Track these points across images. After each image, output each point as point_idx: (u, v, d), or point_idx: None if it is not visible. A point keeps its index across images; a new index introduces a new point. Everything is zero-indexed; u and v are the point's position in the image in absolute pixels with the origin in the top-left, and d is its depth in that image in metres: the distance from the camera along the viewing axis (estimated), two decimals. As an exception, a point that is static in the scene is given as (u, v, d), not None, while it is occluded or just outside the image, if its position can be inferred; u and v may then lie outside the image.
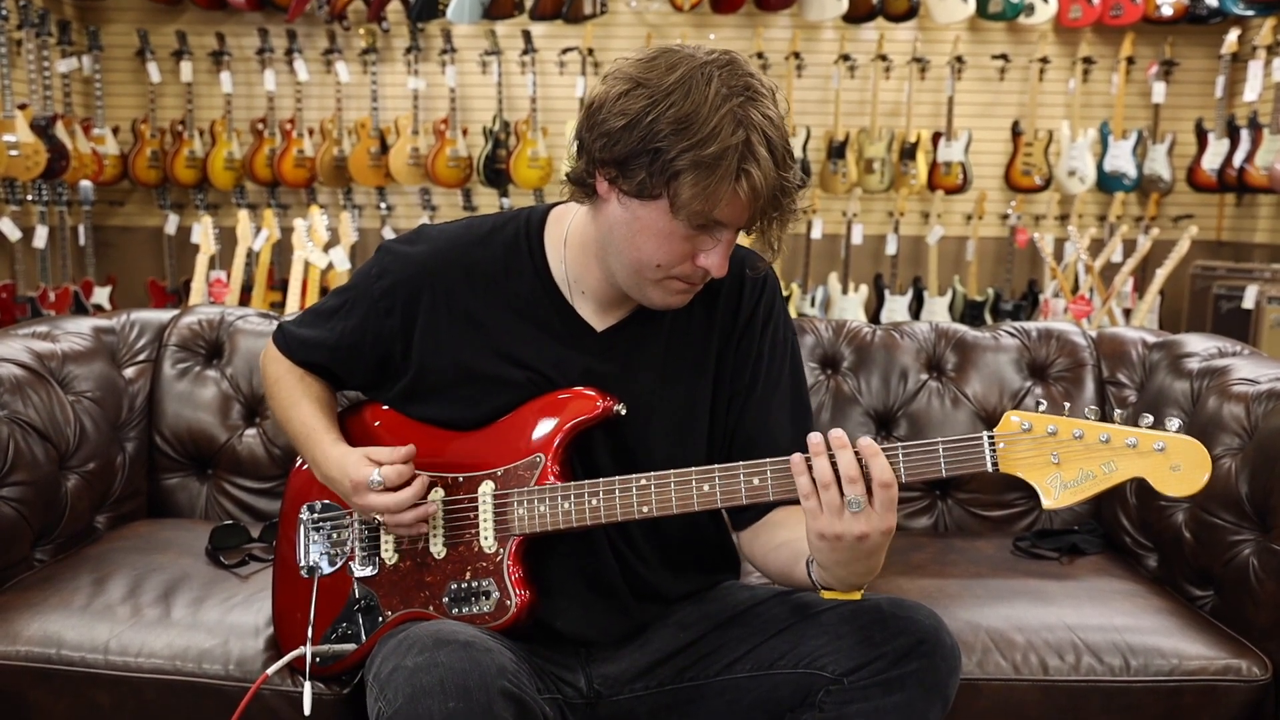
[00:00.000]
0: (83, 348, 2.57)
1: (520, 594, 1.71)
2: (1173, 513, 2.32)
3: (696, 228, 1.56)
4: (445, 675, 1.47)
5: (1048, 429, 1.46)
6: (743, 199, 1.51)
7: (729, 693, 1.75)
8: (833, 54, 6.59)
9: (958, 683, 1.63)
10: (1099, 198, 6.69)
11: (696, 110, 1.48)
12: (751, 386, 1.83)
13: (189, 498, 2.65)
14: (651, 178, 1.52)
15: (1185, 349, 2.54)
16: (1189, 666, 1.97)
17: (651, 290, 1.66)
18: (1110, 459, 1.44)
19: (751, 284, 1.84)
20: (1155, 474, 1.42)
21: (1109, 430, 1.44)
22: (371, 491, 1.70)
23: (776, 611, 1.77)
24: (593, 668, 1.81)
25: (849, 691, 1.62)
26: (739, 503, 1.60)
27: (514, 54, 6.58)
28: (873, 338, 2.71)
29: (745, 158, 1.49)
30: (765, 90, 1.54)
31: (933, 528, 2.63)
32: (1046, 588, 2.22)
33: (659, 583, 1.84)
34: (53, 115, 5.99)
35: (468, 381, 1.79)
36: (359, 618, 1.82)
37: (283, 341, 1.96)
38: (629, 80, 1.54)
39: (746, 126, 1.49)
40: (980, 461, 1.49)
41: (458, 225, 1.87)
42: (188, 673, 1.91)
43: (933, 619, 1.63)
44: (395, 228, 6.82)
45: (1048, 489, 1.47)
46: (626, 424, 1.76)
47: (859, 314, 6.53)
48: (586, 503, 1.67)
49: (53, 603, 2.04)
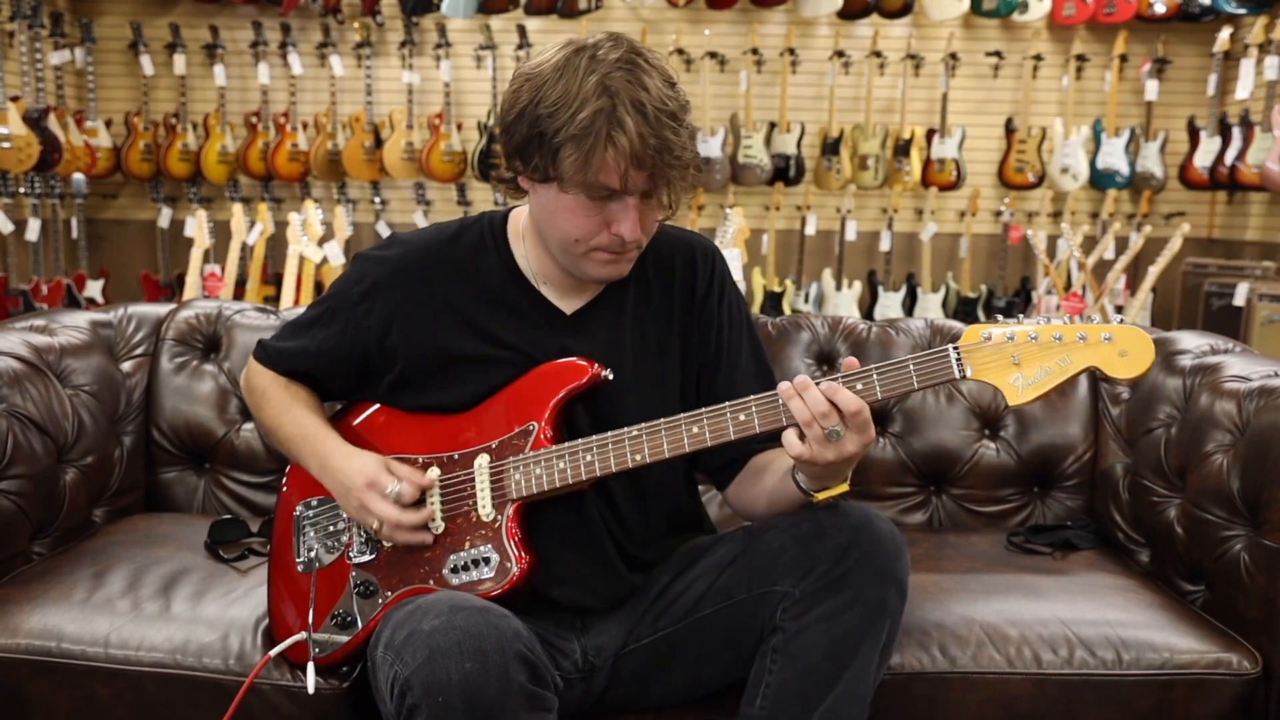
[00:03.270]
0: (80, 341, 2.57)
1: (521, 556, 1.74)
2: (1165, 509, 2.34)
3: (598, 199, 1.67)
4: (462, 638, 1.51)
5: (1006, 335, 1.59)
6: (616, 162, 1.61)
7: (699, 633, 1.83)
8: (827, 50, 6.61)
9: (907, 566, 1.72)
10: (1092, 195, 6.71)
11: (567, 88, 1.62)
12: (718, 356, 1.94)
13: (186, 492, 2.66)
14: (542, 160, 1.66)
15: (1177, 346, 2.55)
16: (1180, 660, 1.99)
17: (584, 264, 1.77)
18: (1064, 354, 1.57)
19: (702, 260, 1.95)
20: (1106, 361, 1.56)
21: (1060, 329, 1.57)
22: (384, 499, 1.76)
23: (728, 546, 1.86)
24: (588, 639, 1.87)
25: (801, 601, 1.69)
26: (727, 439, 1.68)
27: (509, 48, 6.59)
28: (868, 334, 2.72)
29: (611, 122, 1.59)
30: (648, 66, 1.65)
31: (927, 523, 2.64)
32: (1040, 582, 2.23)
33: (642, 547, 1.92)
34: (45, 107, 5.99)
35: (454, 365, 1.86)
36: (356, 603, 1.84)
37: (264, 356, 2.01)
38: (522, 77, 1.69)
39: (610, 94, 1.60)
40: (948, 371, 1.61)
41: (427, 230, 1.97)
42: (188, 666, 1.91)
43: (862, 511, 1.75)
44: (390, 222, 6.83)
45: (1011, 388, 1.58)
46: (605, 398, 1.83)
47: (853, 310, 6.55)
48: (581, 459, 1.74)
49: (52, 596, 2.05)
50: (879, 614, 1.68)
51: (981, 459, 2.63)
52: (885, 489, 2.65)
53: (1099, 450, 2.60)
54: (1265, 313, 5.47)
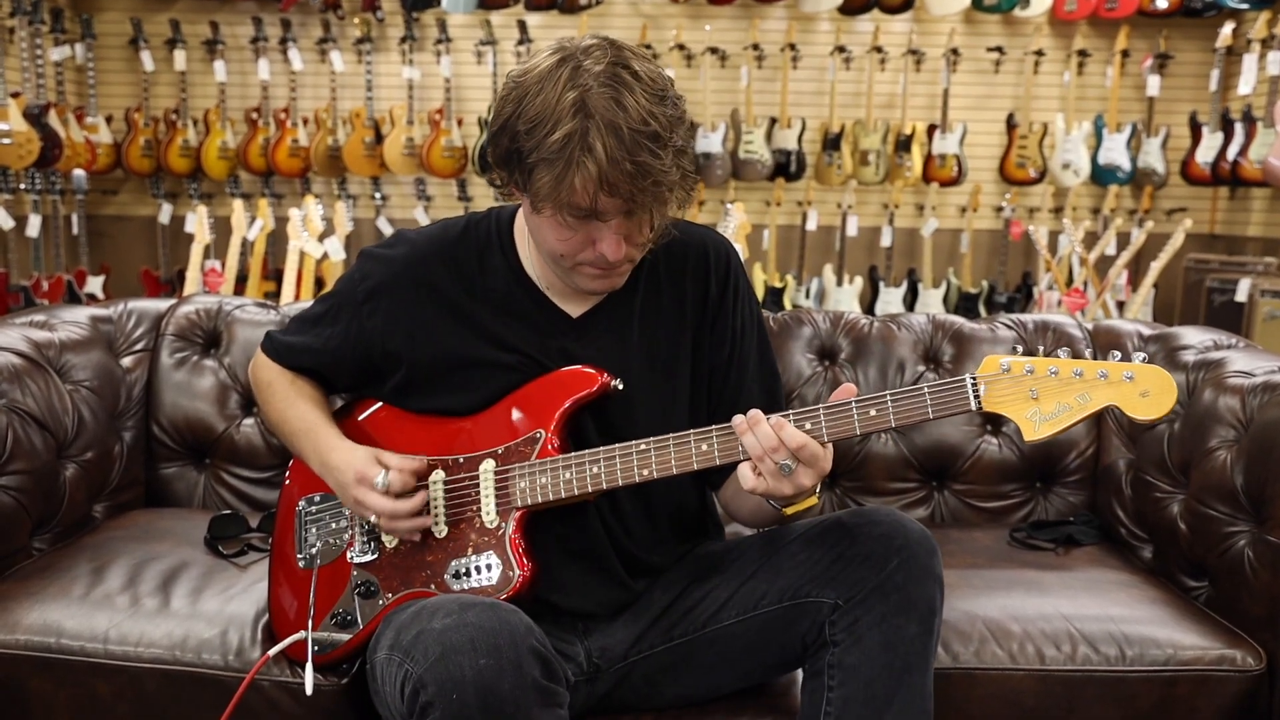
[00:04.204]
0: (80, 337, 2.56)
1: (523, 564, 1.72)
2: (1168, 504, 2.33)
3: (578, 218, 1.61)
4: (475, 634, 1.49)
5: (1025, 368, 1.55)
6: (585, 187, 1.55)
7: (719, 643, 1.81)
8: (828, 46, 6.60)
9: (940, 559, 1.72)
10: (1093, 190, 6.70)
11: (545, 105, 1.57)
12: (729, 361, 1.90)
13: (187, 487, 2.65)
14: (520, 176, 1.62)
15: (1181, 341, 2.54)
16: (1184, 656, 1.98)
17: (574, 277, 1.75)
18: (1084, 390, 1.53)
19: (716, 259, 1.89)
20: (1126, 401, 1.52)
21: (1082, 365, 1.53)
22: (373, 491, 1.74)
23: (748, 554, 1.84)
24: (591, 641, 1.85)
25: (851, 611, 1.67)
26: (737, 458, 1.65)
27: (509, 44, 6.57)
28: (870, 329, 2.71)
29: (582, 147, 1.53)
30: (631, 81, 1.57)
31: (929, 518, 2.63)
32: (1043, 578, 2.23)
33: (647, 555, 1.89)
34: (45, 103, 5.98)
35: (461, 369, 1.83)
36: (357, 603, 1.83)
37: (272, 349, 2.01)
38: (510, 84, 1.65)
39: (585, 115, 1.54)
40: (964, 402, 1.57)
41: (434, 227, 1.93)
42: (187, 663, 1.91)
43: (890, 513, 1.74)
44: (390, 218, 6.82)
45: (1028, 423, 1.55)
46: (613, 405, 1.80)
47: (854, 306, 6.52)
48: (587, 470, 1.71)
49: (52, 592, 2.04)
50: (929, 614, 1.67)
51: (984, 454, 2.62)
52: (887, 484, 2.64)
53: (1102, 446, 2.59)
54: (1267, 308, 5.45)
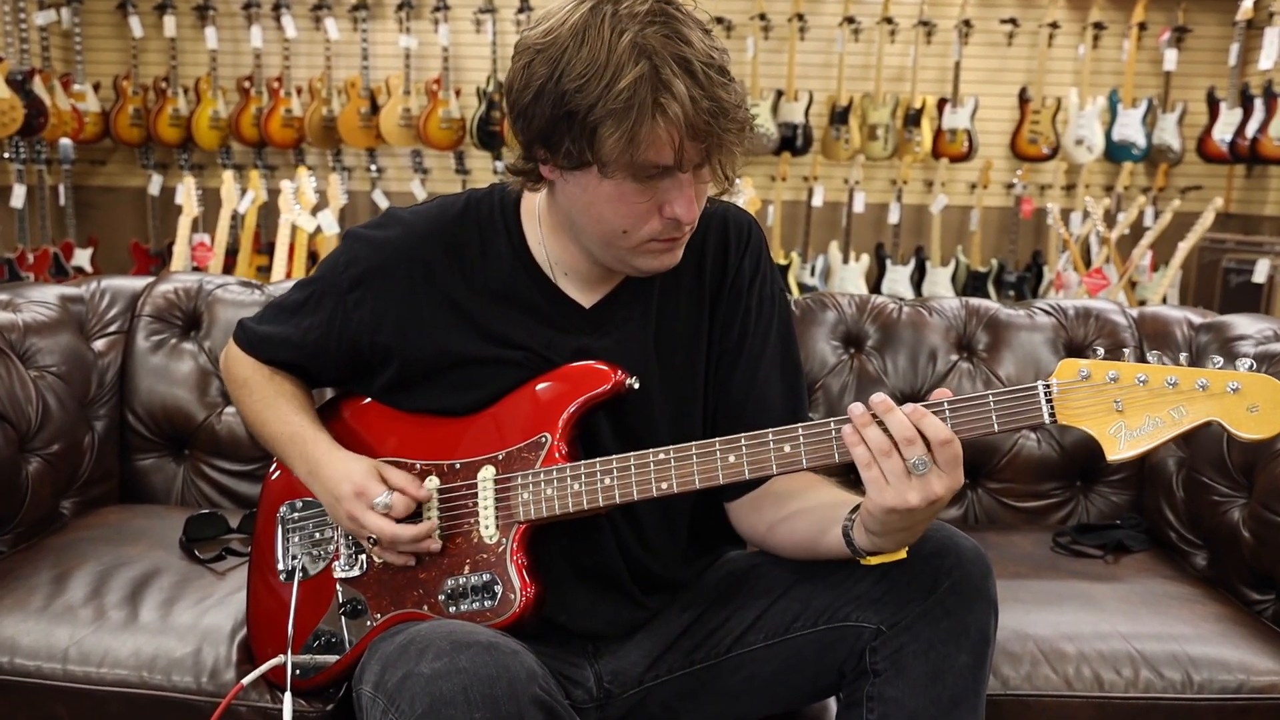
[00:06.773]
0: (47, 318, 2.39)
1: (526, 586, 1.53)
2: (1228, 509, 2.17)
3: (645, 180, 1.42)
4: (469, 682, 1.31)
5: (1108, 375, 1.34)
6: (670, 133, 1.37)
7: (746, 667, 1.64)
8: (837, 16, 6.51)
9: (994, 581, 1.52)
10: (1106, 167, 6.61)
11: (594, 56, 1.36)
12: (740, 345, 1.69)
13: (164, 480, 2.49)
14: (575, 144, 1.40)
15: (1235, 331, 2.38)
16: (1258, 683, 1.81)
17: (633, 258, 1.53)
18: (1179, 404, 1.32)
19: (736, 235, 1.70)
20: (1231, 416, 1.30)
21: (1176, 373, 1.32)
22: (372, 511, 1.56)
23: (776, 572, 1.65)
24: (602, 664, 1.67)
25: (895, 639, 1.50)
26: (768, 473, 1.45)
27: (509, 12, 6.46)
28: (899, 315, 2.54)
29: (657, 88, 1.35)
30: (683, 15, 1.39)
31: (962, 519, 2.47)
32: (1094, 590, 2.06)
33: (664, 570, 1.71)
34: (30, 70, 5.89)
35: (457, 367, 1.64)
36: (343, 623, 1.65)
37: (245, 340, 1.81)
38: (530, 51, 1.43)
39: (649, 54, 1.35)
40: (1036, 414, 1.36)
41: (430, 205, 1.72)
42: (155, 685, 1.74)
43: (941, 528, 1.54)
44: (386, 191, 6.73)
45: (1111, 440, 1.34)
46: (629, 402, 1.61)
47: (859, 284, 6.45)
48: (599, 482, 1.51)
49: (7, 603, 1.87)
50: (982, 642, 1.50)
51: (1021, 450, 2.45)
52: (916, 482, 2.46)
53: (1149, 442, 2.42)
54: (1288, 290, 5.33)
